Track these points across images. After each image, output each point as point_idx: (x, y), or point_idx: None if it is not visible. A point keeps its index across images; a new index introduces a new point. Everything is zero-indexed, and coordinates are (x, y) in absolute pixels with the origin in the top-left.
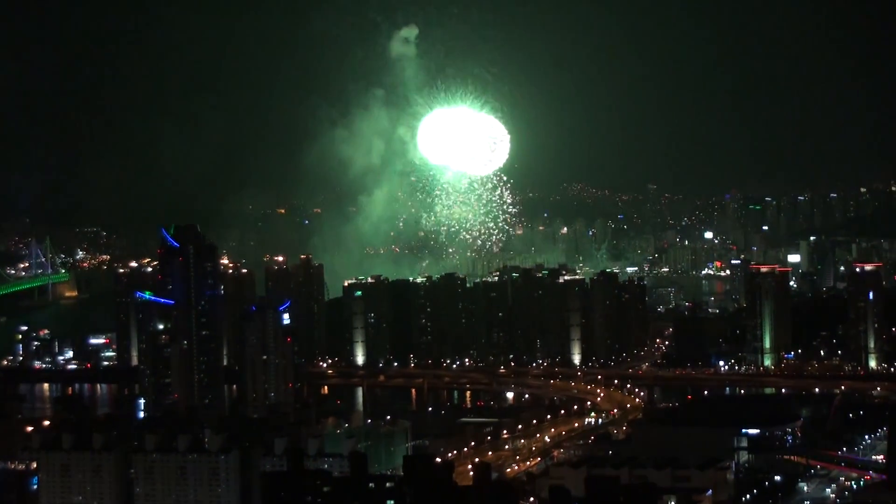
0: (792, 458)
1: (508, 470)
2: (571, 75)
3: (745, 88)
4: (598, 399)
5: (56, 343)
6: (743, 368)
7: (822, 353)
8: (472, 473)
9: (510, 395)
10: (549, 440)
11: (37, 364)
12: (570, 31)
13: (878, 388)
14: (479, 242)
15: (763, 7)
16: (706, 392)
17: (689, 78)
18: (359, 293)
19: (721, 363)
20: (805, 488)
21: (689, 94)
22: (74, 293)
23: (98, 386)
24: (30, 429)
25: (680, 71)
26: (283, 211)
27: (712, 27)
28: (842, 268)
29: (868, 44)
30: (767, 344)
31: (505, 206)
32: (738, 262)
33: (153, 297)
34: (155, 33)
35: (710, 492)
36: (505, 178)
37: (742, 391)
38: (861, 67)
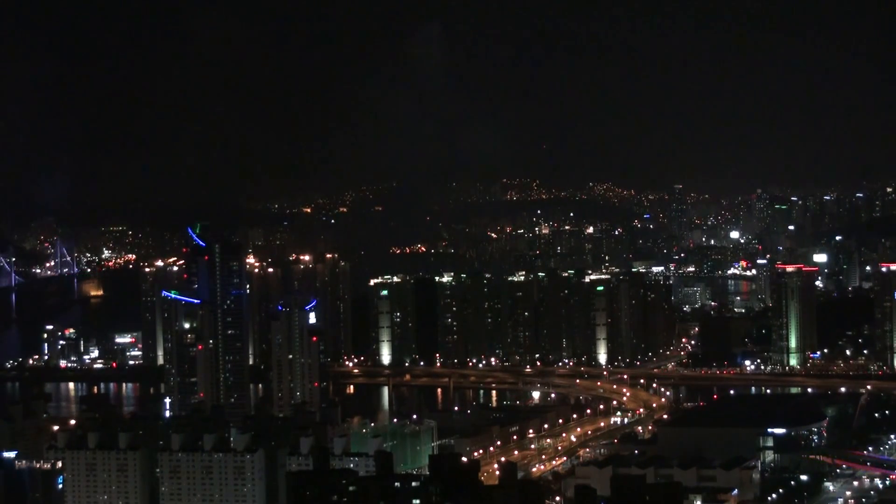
0: (818, 457)
1: (534, 469)
2: (599, 77)
3: (770, 89)
4: (624, 398)
5: (82, 342)
6: (769, 368)
7: (847, 352)
8: (498, 473)
9: (536, 394)
10: (574, 439)
11: (63, 363)
12: (597, 33)
13: None
14: (505, 242)
15: (789, 8)
16: (732, 391)
17: (714, 79)
18: (384, 292)
19: (747, 363)
20: (831, 488)
21: (714, 96)
22: (100, 292)
23: (124, 385)
24: (56, 428)
25: (706, 72)
26: (309, 210)
27: (739, 28)
28: (868, 267)
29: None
30: (793, 343)
31: (530, 206)
32: (764, 261)
33: (179, 297)
34: (180, 34)
35: (736, 491)
36: (532, 178)
37: (768, 391)
38: (889, 68)
